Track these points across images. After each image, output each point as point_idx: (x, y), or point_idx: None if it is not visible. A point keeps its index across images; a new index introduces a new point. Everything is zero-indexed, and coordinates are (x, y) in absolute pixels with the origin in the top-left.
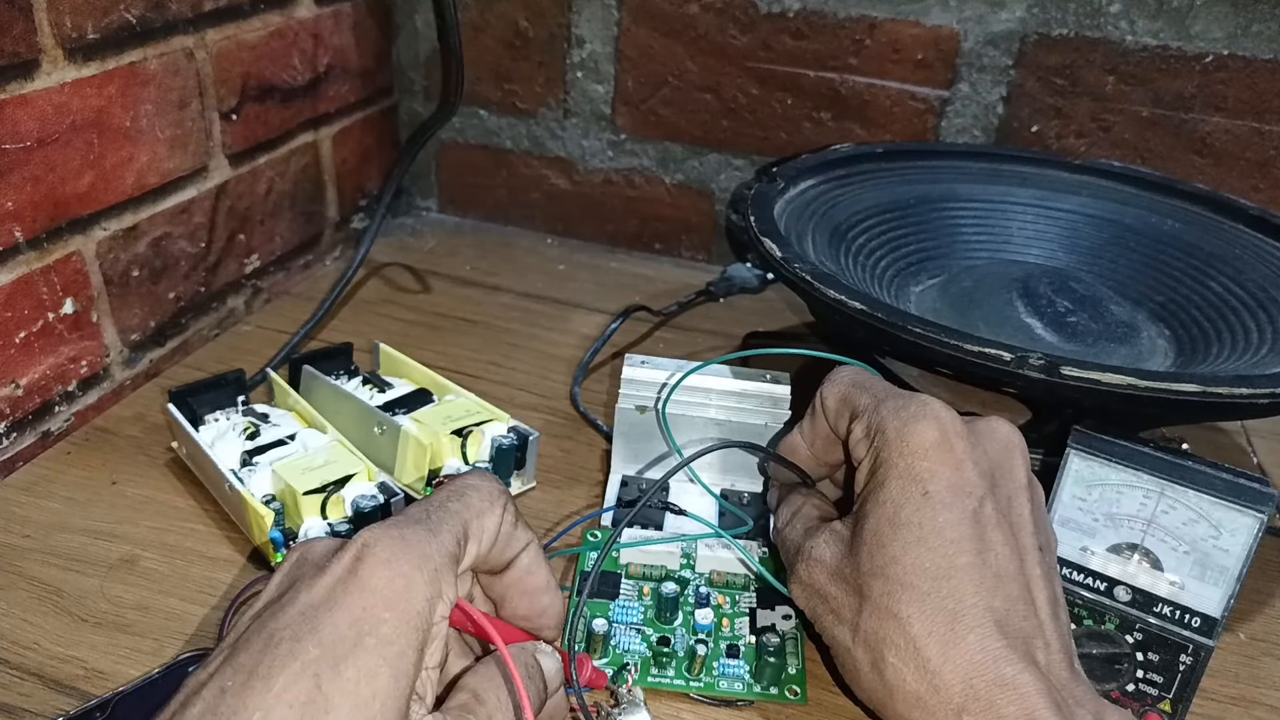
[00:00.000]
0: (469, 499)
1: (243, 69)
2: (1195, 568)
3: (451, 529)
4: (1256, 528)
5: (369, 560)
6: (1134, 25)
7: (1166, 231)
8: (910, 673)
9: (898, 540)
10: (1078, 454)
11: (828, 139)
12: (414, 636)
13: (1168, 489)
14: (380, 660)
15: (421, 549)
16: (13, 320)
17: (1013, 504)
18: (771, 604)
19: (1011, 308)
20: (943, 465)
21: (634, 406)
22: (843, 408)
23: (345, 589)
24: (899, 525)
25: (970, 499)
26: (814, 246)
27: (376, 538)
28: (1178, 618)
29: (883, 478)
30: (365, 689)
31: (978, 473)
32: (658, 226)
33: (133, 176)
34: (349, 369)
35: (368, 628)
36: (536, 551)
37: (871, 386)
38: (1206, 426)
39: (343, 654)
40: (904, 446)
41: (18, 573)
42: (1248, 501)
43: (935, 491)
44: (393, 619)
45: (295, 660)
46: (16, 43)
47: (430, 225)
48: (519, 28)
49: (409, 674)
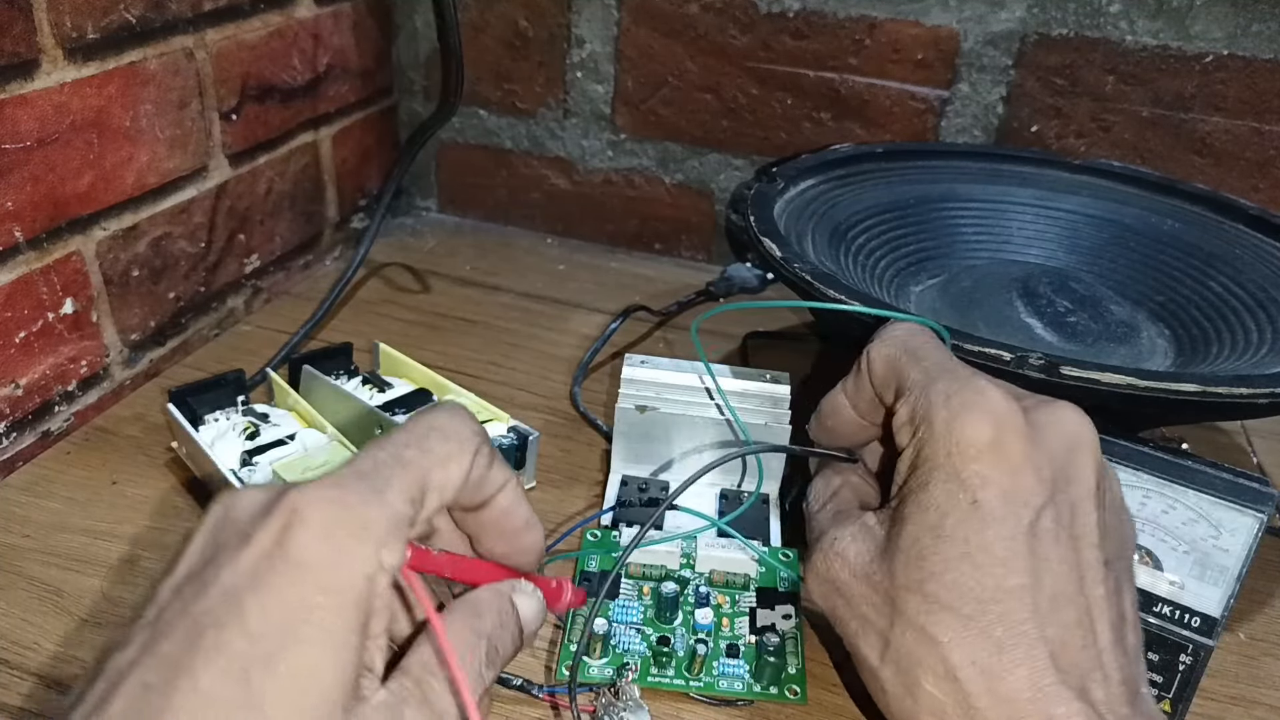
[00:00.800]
0: (430, 444)
1: (243, 69)
2: (1195, 567)
3: (403, 485)
4: (1256, 527)
5: (299, 531)
6: (1134, 25)
7: (1166, 231)
8: (950, 705)
9: (939, 554)
10: None
11: (828, 139)
12: (354, 618)
13: (1167, 488)
14: (318, 652)
15: (362, 514)
16: (13, 320)
17: (1076, 513)
18: (771, 604)
19: (1011, 308)
20: (996, 470)
21: (634, 406)
22: (889, 375)
23: (272, 567)
24: (942, 537)
25: (1026, 510)
26: (814, 246)
27: (308, 501)
28: (1177, 617)
29: (926, 477)
30: (302, 684)
31: (1037, 479)
32: (658, 226)
33: (132, 176)
34: (349, 369)
35: (301, 615)
36: (515, 490)
37: (925, 356)
38: (1206, 426)
39: (275, 647)
40: (952, 443)
41: (18, 573)
42: (1248, 501)
43: (986, 501)
44: (328, 604)
45: (222, 655)
46: (16, 43)
47: (430, 225)
48: (519, 28)
49: (351, 660)
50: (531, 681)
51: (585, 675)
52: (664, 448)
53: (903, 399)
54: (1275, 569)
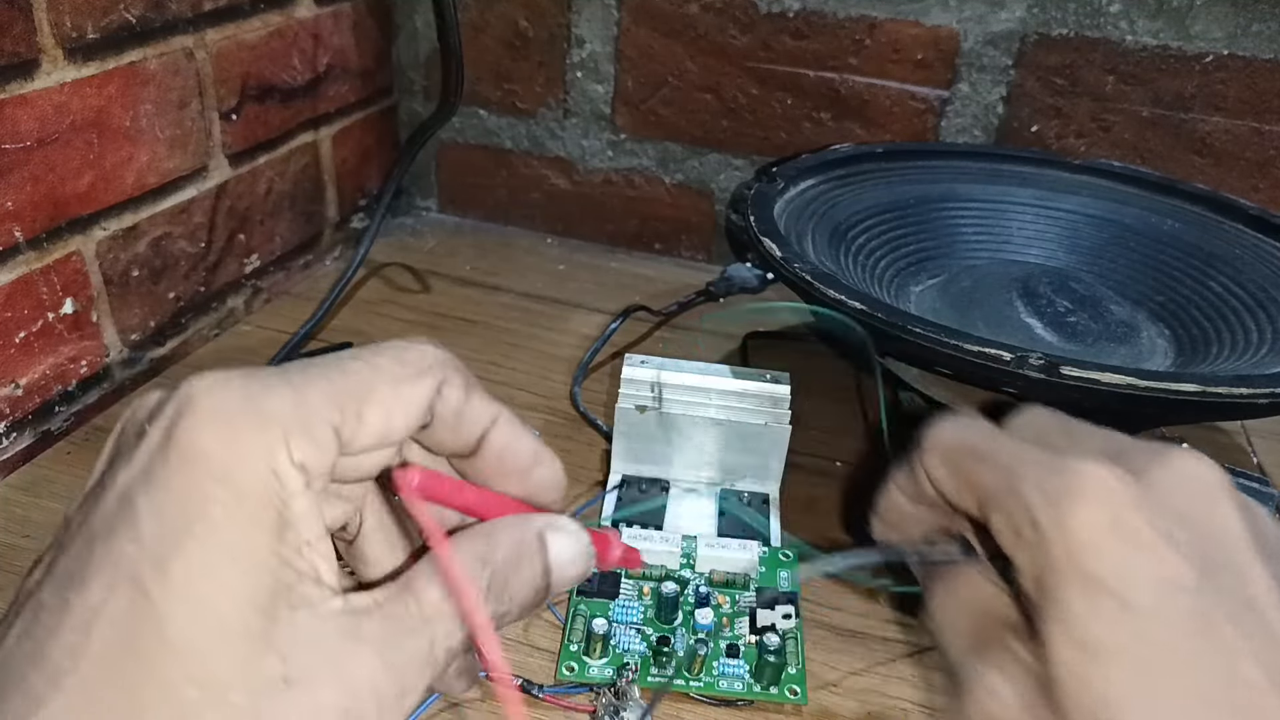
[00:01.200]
0: (380, 362)
1: (243, 69)
2: None
3: (330, 388)
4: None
5: (189, 417)
6: (1134, 25)
7: (1166, 231)
8: None
9: (1100, 674)
10: None
11: (828, 139)
12: (259, 515)
13: None
14: (216, 551)
15: (264, 403)
16: (13, 320)
17: (1244, 574)
18: (771, 604)
19: (1011, 308)
20: (1127, 558)
21: (634, 406)
22: (963, 489)
23: (164, 460)
24: (1097, 654)
25: (1183, 594)
26: (814, 246)
27: (205, 387)
28: None
29: (1055, 589)
30: (202, 587)
31: (1178, 553)
32: (658, 226)
33: (132, 176)
34: None
35: (193, 510)
36: (510, 423)
37: (994, 454)
38: (1206, 426)
39: (167, 549)
40: (1068, 544)
41: (18, 573)
42: (1257, 484)
43: (1129, 597)
44: (225, 497)
45: (111, 562)
46: (16, 43)
47: (430, 225)
48: (519, 28)
49: (265, 561)
50: (532, 681)
51: (585, 675)
52: (664, 448)
53: (992, 509)
54: None
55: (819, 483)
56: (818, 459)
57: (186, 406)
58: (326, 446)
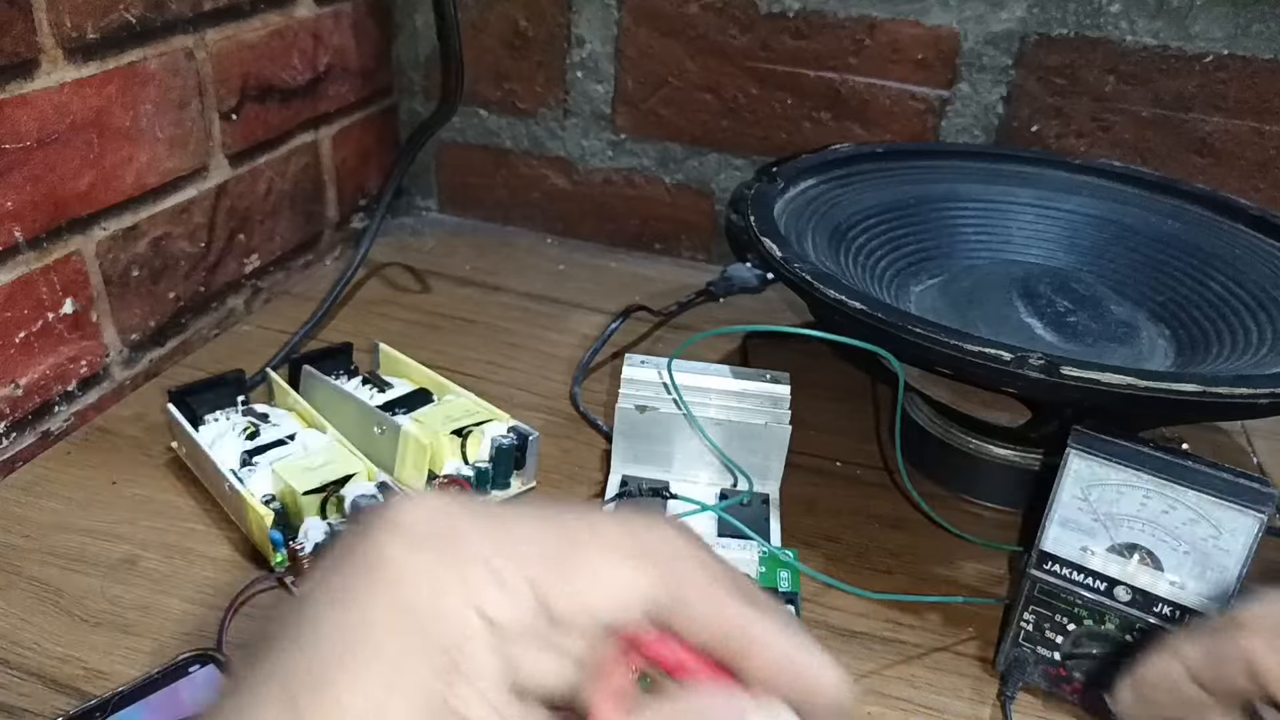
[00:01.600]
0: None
1: (243, 69)
2: (1195, 567)
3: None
4: (1256, 528)
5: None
6: (1134, 25)
7: (1166, 231)
8: None
9: None
10: (1077, 454)
11: (828, 139)
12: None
13: (1167, 488)
14: (374, 679)
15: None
16: (13, 320)
17: None
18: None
19: (1011, 308)
20: None
21: (634, 406)
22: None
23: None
24: None
25: None
26: (814, 246)
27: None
28: (1178, 618)
29: None
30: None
31: None
32: (658, 226)
33: (132, 176)
34: (349, 369)
35: (360, 635)
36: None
37: None
38: (1206, 426)
39: (329, 672)
40: None
41: (17, 573)
42: (1248, 501)
43: None
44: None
45: (277, 675)
46: (16, 43)
47: (430, 225)
48: (519, 28)
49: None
50: None
51: None
52: (664, 448)
53: None
54: (1276, 569)
55: (819, 483)
56: (818, 459)
57: (394, 526)
58: (522, 600)
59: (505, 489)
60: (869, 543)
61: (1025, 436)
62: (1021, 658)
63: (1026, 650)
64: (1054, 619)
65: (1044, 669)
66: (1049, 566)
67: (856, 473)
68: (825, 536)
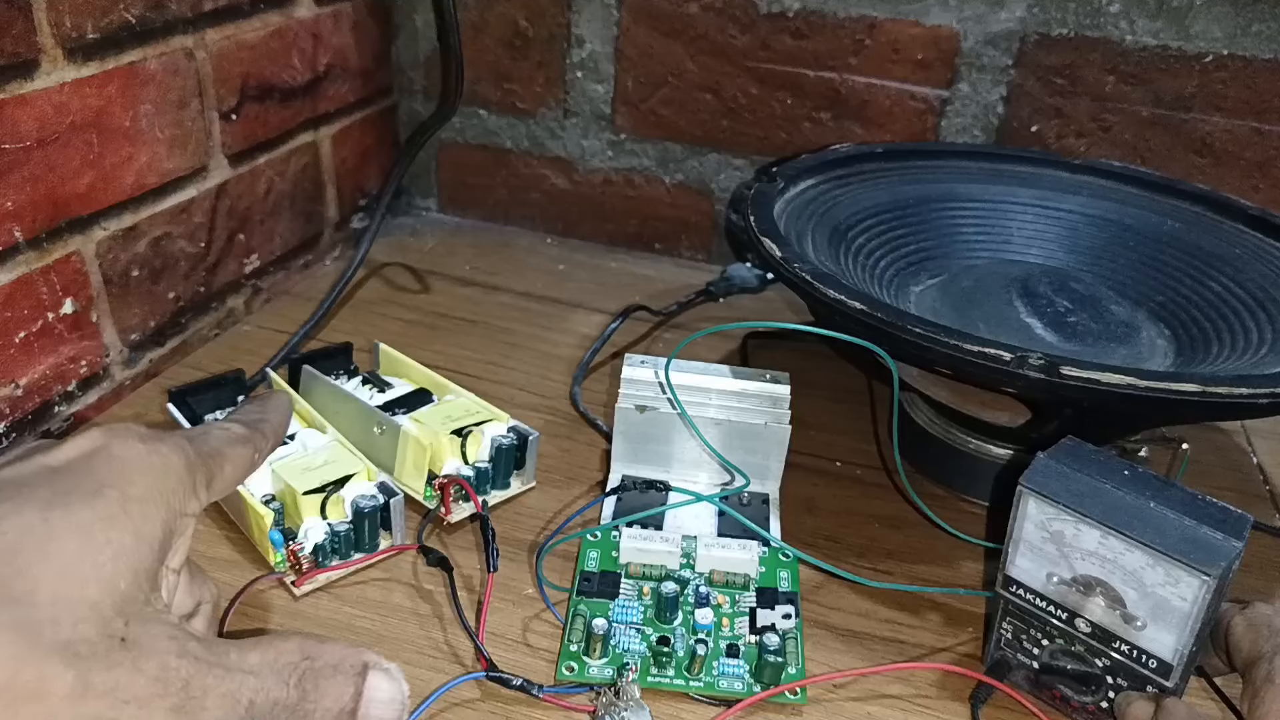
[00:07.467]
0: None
1: (242, 69)
2: (1157, 609)
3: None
4: (1202, 590)
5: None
6: (1134, 25)
7: (1166, 231)
8: None
9: None
10: (1031, 495)
11: (828, 139)
12: (162, 510)
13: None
14: (121, 511)
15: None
16: (12, 320)
17: None
18: (771, 604)
19: (1011, 308)
20: None
21: (634, 406)
22: None
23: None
24: None
25: None
26: (814, 246)
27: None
28: (1135, 657)
29: None
30: (99, 533)
31: None
32: (657, 226)
33: (132, 176)
34: (349, 369)
35: (112, 480)
36: None
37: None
38: (1206, 426)
39: (79, 497)
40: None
41: None
42: (1195, 561)
43: None
44: (144, 483)
45: (21, 497)
46: (16, 43)
47: (430, 225)
48: (519, 28)
49: (152, 547)
50: (532, 681)
51: (585, 675)
52: (664, 448)
53: None
54: (1275, 569)
55: (819, 483)
56: (818, 459)
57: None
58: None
59: (505, 489)
60: (868, 543)
61: (1025, 436)
62: (1004, 660)
63: (1009, 654)
64: (1029, 633)
65: (1025, 674)
66: (1014, 590)
67: (856, 473)
68: (825, 536)
